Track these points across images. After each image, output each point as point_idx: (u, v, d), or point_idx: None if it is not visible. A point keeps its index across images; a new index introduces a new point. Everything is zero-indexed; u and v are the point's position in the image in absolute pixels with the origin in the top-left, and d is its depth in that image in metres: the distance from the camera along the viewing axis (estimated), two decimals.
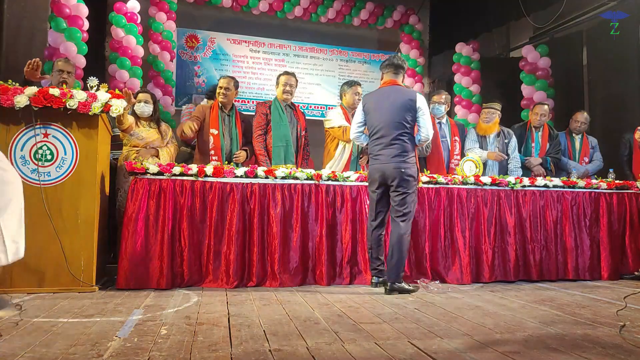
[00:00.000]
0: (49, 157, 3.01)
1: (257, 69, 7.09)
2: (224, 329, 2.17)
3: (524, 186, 4.00)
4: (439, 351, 1.89)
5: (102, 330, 2.12)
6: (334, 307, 2.70)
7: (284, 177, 3.52)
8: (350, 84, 4.37)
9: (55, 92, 2.96)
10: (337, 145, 4.27)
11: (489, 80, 6.82)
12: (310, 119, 5.01)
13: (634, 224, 4.20)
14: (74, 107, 2.97)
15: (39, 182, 2.97)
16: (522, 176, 4.25)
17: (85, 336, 2.02)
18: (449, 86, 7.15)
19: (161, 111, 5.92)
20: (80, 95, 3.00)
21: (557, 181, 4.11)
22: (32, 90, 2.94)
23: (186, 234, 3.32)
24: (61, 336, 2.01)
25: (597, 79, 6.07)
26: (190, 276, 3.30)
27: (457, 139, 4.55)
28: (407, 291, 3.18)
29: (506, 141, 4.60)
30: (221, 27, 7.02)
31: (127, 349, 1.85)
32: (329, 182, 3.62)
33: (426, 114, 3.33)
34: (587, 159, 4.94)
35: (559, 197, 4.07)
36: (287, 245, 3.46)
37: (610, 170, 4.44)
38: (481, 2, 6.63)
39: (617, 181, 4.27)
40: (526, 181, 4.01)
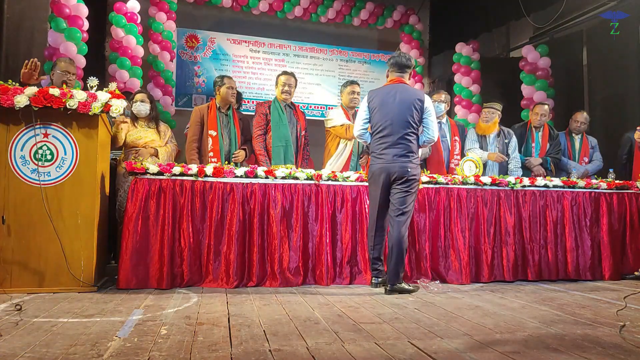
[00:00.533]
0: (49, 157, 3.01)
1: (257, 69, 7.10)
2: (224, 329, 2.17)
3: (524, 186, 4.00)
4: (439, 351, 1.89)
5: (102, 330, 2.12)
6: (334, 307, 2.70)
7: (284, 177, 3.52)
8: (346, 84, 4.38)
9: (55, 92, 2.96)
10: (338, 145, 4.27)
11: (489, 80, 6.82)
12: (310, 119, 5.01)
13: (634, 224, 4.20)
14: (74, 107, 2.97)
15: (39, 182, 2.97)
16: (522, 176, 4.25)
17: (85, 336, 2.02)
18: (449, 86, 7.15)
19: (161, 111, 5.94)
20: (80, 95, 3.00)
21: (557, 181, 4.10)
22: (32, 90, 2.93)
23: (186, 234, 3.32)
24: (61, 336, 2.01)
25: (597, 79, 6.07)
26: (190, 276, 3.30)
27: (457, 139, 4.55)
28: (407, 291, 3.18)
29: (506, 141, 4.61)
30: (221, 27, 7.03)
31: (127, 349, 1.85)
32: (329, 182, 3.62)
33: (433, 115, 3.31)
34: (586, 159, 4.94)
35: (559, 197, 4.07)
36: (287, 245, 3.46)
37: (610, 170, 4.44)
38: (481, 2, 6.65)
39: (617, 181, 4.27)
40: (526, 181, 4.01)
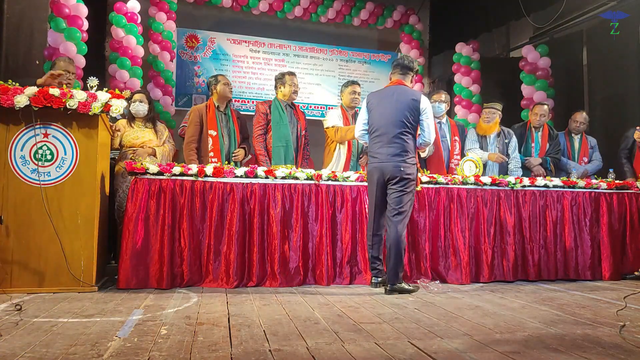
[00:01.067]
0: (49, 157, 3.01)
1: (257, 69, 7.10)
2: (224, 329, 2.17)
3: (524, 186, 4.00)
4: (439, 351, 1.89)
5: (102, 330, 2.12)
6: (334, 307, 2.70)
7: (284, 177, 3.52)
8: (347, 84, 4.37)
9: (55, 92, 2.95)
10: (337, 145, 4.26)
11: (489, 80, 6.82)
12: (310, 119, 5.02)
13: (634, 224, 4.20)
14: (74, 107, 2.97)
15: (39, 182, 2.96)
16: (522, 176, 4.25)
17: (85, 336, 2.02)
18: (449, 86, 7.15)
19: (161, 111, 5.95)
20: (80, 95, 2.99)
21: (557, 181, 4.10)
22: (32, 90, 2.93)
23: (186, 234, 3.32)
24: (61, 336, 2.01)
25: (597, 79, 6.07)
26: (190, 276, 3.30)
27: (457, 139, 4.54)
28: (407, 291, 3.18)
29: (506, 141, 4.60)
30: (221, 27, 7.03)
31: (127, 349, 1.85)
32: (329, 182, 3.62)
33: (430, 117, 3.31)
34: (586, 159, 4.94)
35: (559, 197, 4.07)
36: (287, 245, 3.45)
37: (610, 170, 4.44)
38: (481, 2, 6.65)
39: (617, 181, 4.27)
40: (526, 181, 4.01)
